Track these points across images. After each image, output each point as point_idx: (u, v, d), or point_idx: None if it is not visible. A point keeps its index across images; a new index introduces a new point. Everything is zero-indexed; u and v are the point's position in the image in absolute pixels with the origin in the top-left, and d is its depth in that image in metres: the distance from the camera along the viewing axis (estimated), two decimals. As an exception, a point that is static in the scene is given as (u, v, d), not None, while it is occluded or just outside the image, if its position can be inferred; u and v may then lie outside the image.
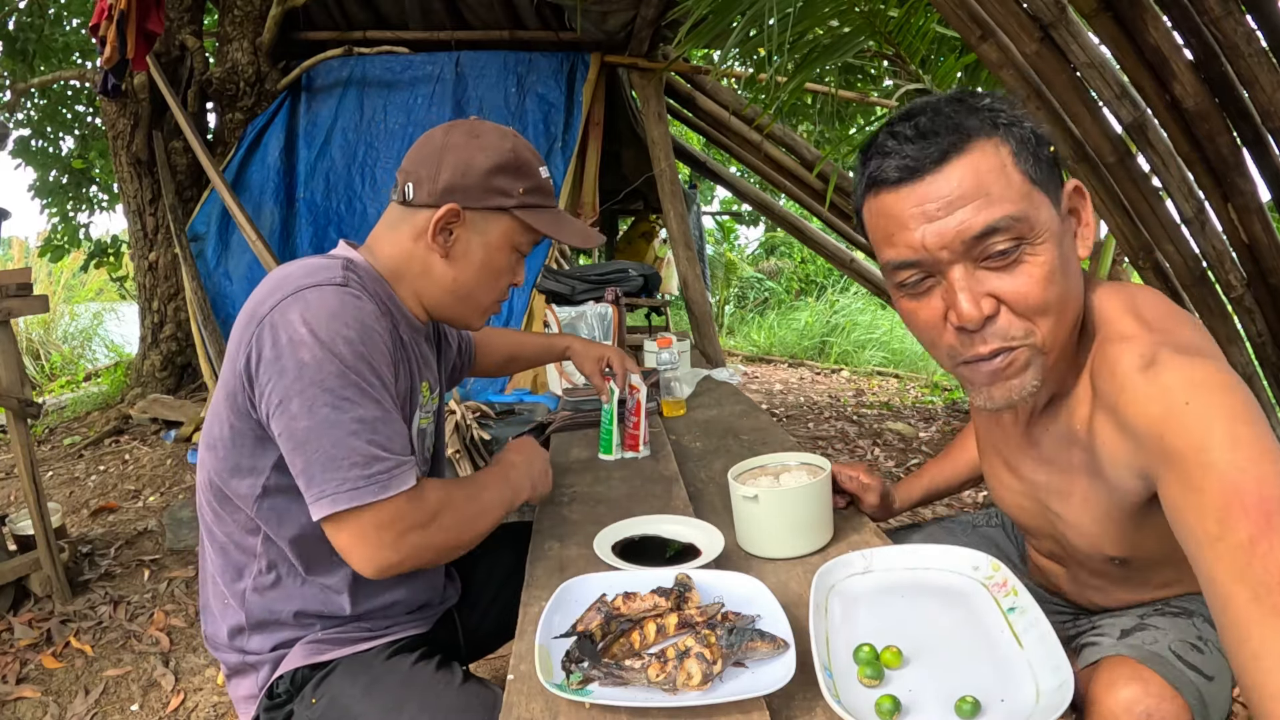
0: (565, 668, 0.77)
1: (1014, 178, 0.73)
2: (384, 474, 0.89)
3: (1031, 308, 0.74)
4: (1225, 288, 2.35)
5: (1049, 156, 0.76)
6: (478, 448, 2.24)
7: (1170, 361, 0.71)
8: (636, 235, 7.84)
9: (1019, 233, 0.72)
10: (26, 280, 2.28)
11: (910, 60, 2.94)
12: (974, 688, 0.75)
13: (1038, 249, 0.73)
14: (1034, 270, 0.73)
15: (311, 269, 0.95)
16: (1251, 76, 1.84)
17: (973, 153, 0.73)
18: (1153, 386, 0.71)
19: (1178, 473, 0.65)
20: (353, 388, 0.89)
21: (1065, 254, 0.76)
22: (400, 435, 0.93)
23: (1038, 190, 0.74)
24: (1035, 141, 0.75)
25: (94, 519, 3.05)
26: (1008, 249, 0.73)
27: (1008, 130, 0.74)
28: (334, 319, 0.89)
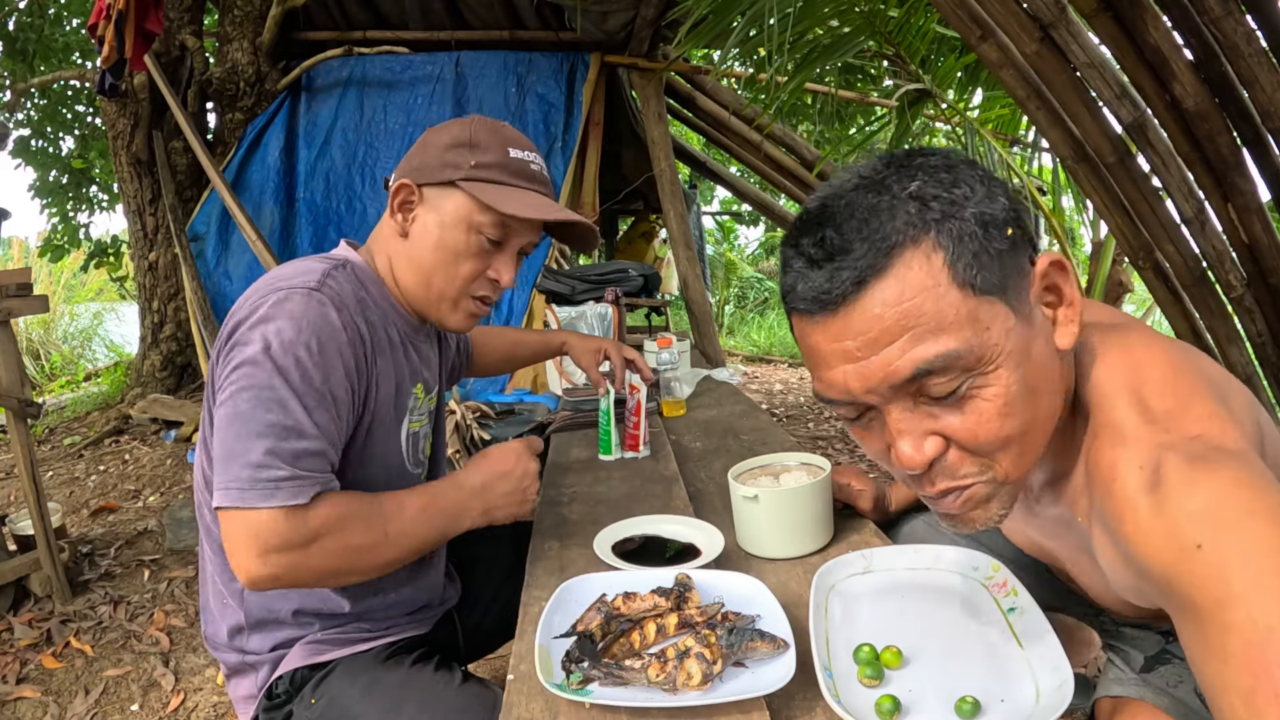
0: (565, 668, 0.77)
1: (951, 296, 0.57)
2: (269, 482, 0.83)
3: (984, 446, 0.62)
4: (1225, 288, 2.35)
5: (1007, 241, 0.59)
6: (478, 447, 2.24)
7: (1178, 481, 0.55)
8: (636, 235, 7.85)
9: (962, 367, 0.58)
10: (26, 280, 2.28)
11: (910, 60, 2.94)
12: (974, 688, 0.75)
13: (989, 378, 0.59)
14: (985, 406, 0.60)
15: (294, 271, 0.95)
16: (1251, 76, 1.84)
17: (896, 271, 0.57)
18: (1158, 520, 0.54)
19: (1195, 628, 0.52)
20: (284, 392, 0.85)
21: (1032, 369, 0.61)
22: (317, 454, 0.87)
23: (986, 301, 0.58)
24: (983, 233, 0.58)
25: (94, 519, 3.05)
26: (952, 389, 0.59)
27: (940, 227, 0.57)
28: (292, 323, 0.88)
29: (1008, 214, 0.60)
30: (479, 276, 1.04)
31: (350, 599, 1.05)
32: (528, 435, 2.12)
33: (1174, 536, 0.53)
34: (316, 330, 0.89)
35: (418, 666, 1.04)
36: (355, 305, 0.97)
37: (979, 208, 0.58)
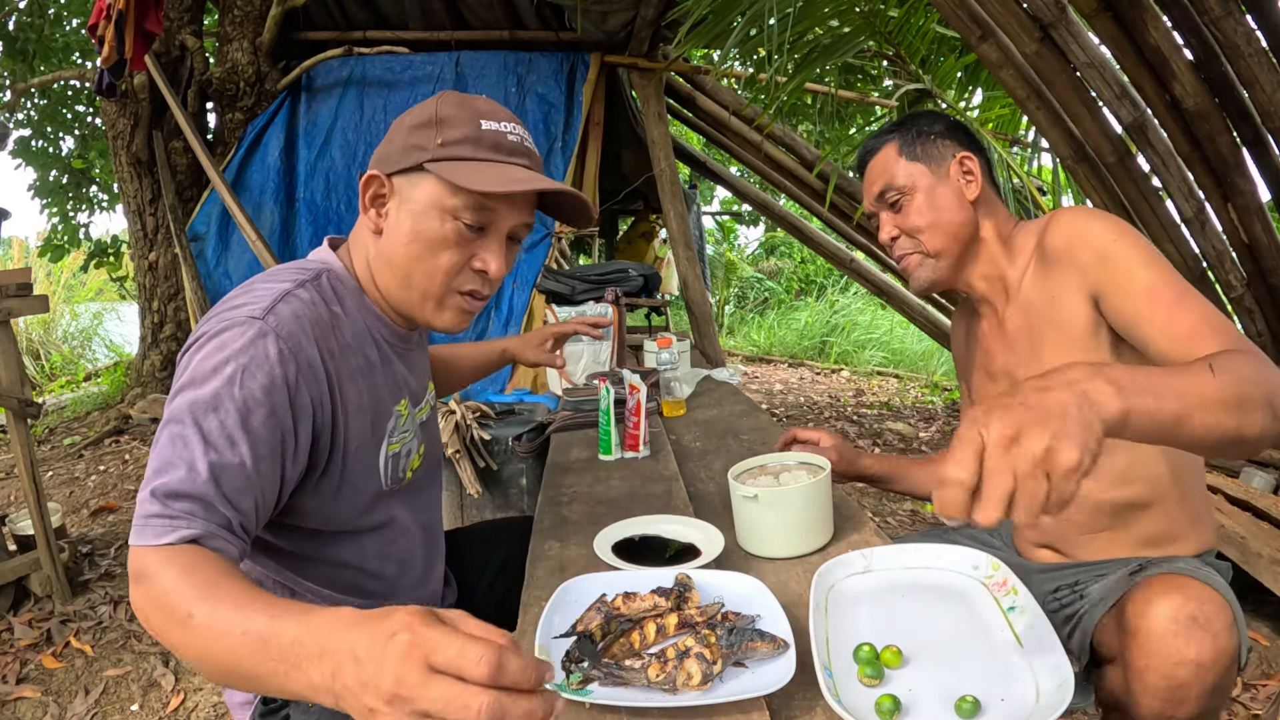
0: (565, 668, 0.77)
1: (896, 161, 1.18)
2: (141, 519, 0.74)
3: (911, 229, 1.17)
4: (1225, 288, 2.35)
5: (928, 140, 1.17)
6: (478, 447, 2.24)
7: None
8: (636, 235, 7.84)
9: (899, 190, 1.17)
10: (26, 280, 2.28)
11: (910, 60, 2.94)
12: (974, 687, 0.75)
13: (912, 197, 1.17)
14: (910, 209, 1.17)
15: (246, 297, 0.87)
16: (1251, 76, 1.84)
17: (879, 154, 1.21)
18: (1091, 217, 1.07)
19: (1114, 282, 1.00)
20: (190, 431, 0.77)
21: (936, 197, 1.16)
22: (195, 500, 0.75)
23: (913, 163, 1.17)
24: (915, 134, 1.18)
25: (94, 519, 3.05)
26: (895, 200, 1.18)
27: (900, 133, 1.19)
28: (222, 356, 0.80)
29: (933, 131, 1.18)
30: (462, 268, 0.94)
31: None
32: (528, 436, 2.12)
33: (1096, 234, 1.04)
34: (245, 369, 0.80)
35: None
36: (321, 328, 0.88)
37: (916, 128, 1.19)
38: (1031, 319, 1.12)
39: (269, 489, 0.82)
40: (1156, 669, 0.83)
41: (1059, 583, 1.15)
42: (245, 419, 0.79)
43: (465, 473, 2.23)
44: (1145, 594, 0.87)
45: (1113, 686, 0.94)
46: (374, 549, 1.03)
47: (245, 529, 0.79)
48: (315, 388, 0.87)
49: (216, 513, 0.76)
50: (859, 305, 8.44)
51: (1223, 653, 0.83)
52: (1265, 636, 1.90)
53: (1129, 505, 1.10)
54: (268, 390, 0.81)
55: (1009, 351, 1.17)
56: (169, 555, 0.71)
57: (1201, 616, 0.83)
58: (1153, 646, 0.84)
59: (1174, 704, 0.84)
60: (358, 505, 0.98)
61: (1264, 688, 1.72)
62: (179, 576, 0.69)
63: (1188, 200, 2.18)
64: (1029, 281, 1.13)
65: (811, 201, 5.03)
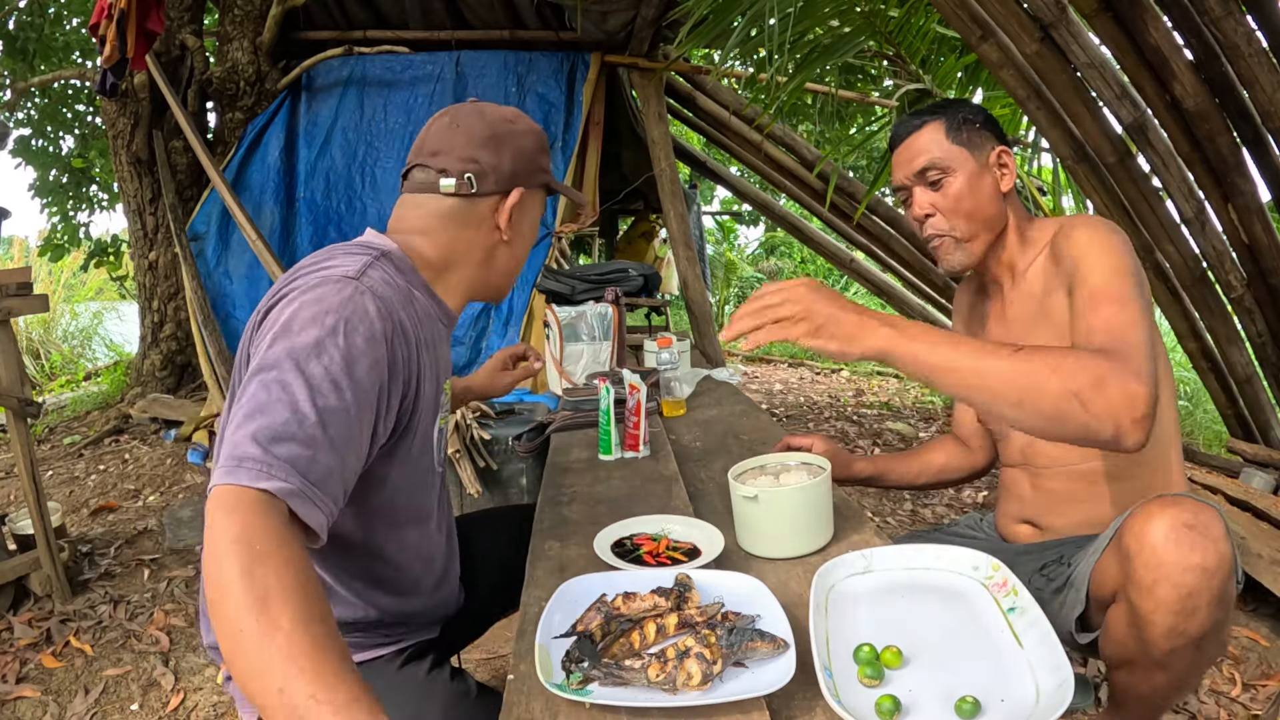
0: (565, 668, 0.77)
1: (942, 141, 1.21)
2: (236, 459, 0.70)
3: (948, 210, 1.21)
4: (1225, 288, 2.35)
5: (973, 128, 1.21)
6: (478, 447, 2.24)
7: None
8: (636, 235, 7.84)
9: (941, 169, 1.20)
10: (26, 279, 2.28)
11: (910, 60, 2.94)
12: (974, 688, 0.75)
13: (954, 178, 1.20)
14: (949, 191, 1.20)
15: (328, 259, 0.90)
16: (1251, 77, 1.84)
17: (924, 129, 1.23)
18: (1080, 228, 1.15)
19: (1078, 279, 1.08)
20: (296, 383, 0.75)
21: (974, 185, 1.20)
22: (300, 452, 0.72)
23: (957, 147, 1.20)
24: (961, 120, 1.21)
25: (94, 518, 3.05)
26: (936, 179, 1.21)
27: (946, 116, 1.22)
28: (323, 309, 0.81)
29: (977, 120, 1.22)
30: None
31: (368, 605, 1.02)
32: (528, 435, 2.12)
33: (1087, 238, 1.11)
34: (348, 321, 0.81)
35: (434, 675, 1.03)
36: (398, 299, 0.91)
37: (962, 115, 1.22)
38: (1029, 306, 1.21)
39: (365, 441, 0.82)
40: (1165, 579, 0.85)
41: (1045, 559, 1.19)
42: (350, 366, 0.79)
43: (465, 473, 2.23)
44: (1142, 516, 0.90)
45: (1119, 626, 0.95)
46: (413, 541, 1.04)
47: (345, 482, 0.78)
48: (405, 348, 0.89)
49: (319, 464, 0.73)
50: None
51: (1224, 557, 0.86)
52: (1265, 637, 1.90)
53: (1104, 475, 1.19)
54: (370, 341, 0.82)
55: (1005, 332, 1.26)
56: (264, 502, 0.68)
57: (1198, 524, 0.86)
58: (1158, 559, 0.86)
59: (1185, 615, 0.85)
60: (408, 480, 0.98)
61: (1264, 688, 1.72)
62: (257, 558, 0.63)
63: (1188, 200, 2.18)
64: (1035, 272, 1.21)
65: (811, 201, 5.03)
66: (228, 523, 0.65)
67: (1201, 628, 0.87)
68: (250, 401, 0.74)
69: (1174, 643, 0.88)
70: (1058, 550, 1.19)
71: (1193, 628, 0.87)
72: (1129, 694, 1.02)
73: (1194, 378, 2.77)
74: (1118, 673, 1.02)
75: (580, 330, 2.73)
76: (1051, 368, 0.86)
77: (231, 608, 0.61)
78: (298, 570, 0.65)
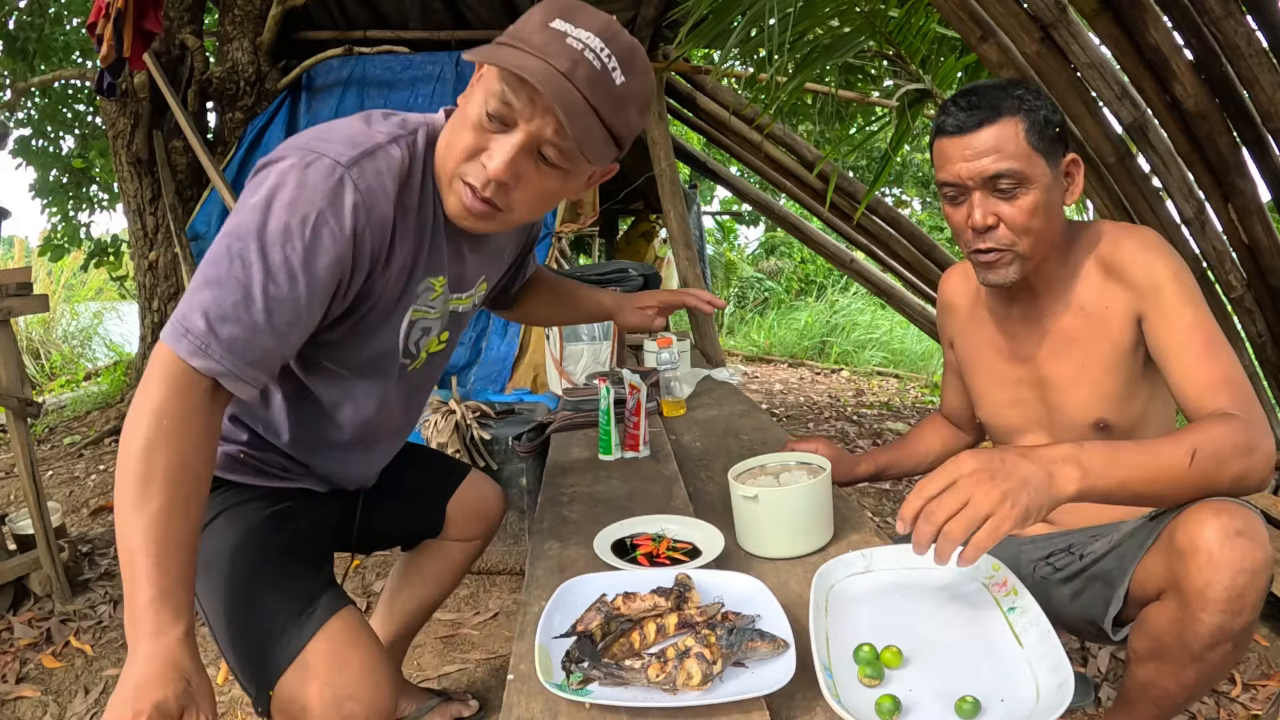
0: (565, 668, 0.77)
1: (1022, 144, 1.07)
2: (180, 325, 0.81)
3: (1018, 228, 1.10)
4: (1225, 288, 2.35)
5: (1053, 133, 1.09)
6: (478, 447, 2.24)
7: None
8: (636, 235, 7.84)
9: (1018, 179, 1.07)
10: (26, 279, 2.27)
11: (911, 60, 2.94)
12: (974, 688, 0.75)
13: (1030, 191, 1.09)
14: (1024, 204, 1.09)
15: (345, 133, 0.90)
16: (1251, 77, 1.84)
17: (1001, 123, 1.07)
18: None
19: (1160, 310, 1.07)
20: (254, 260, 0.82)
21: (1048, 199, 1.10)
22: (240, 338, 0.82)
23: (1037, 155, 1.08)
24: (1044, 122, 1.08)
25: (94, 518, 3.04)
26: (1008, 188, 1.08)
27: (1027, 112, 1.07)
28: (300, 195, 0.84)
29: (1057, 122, 1.10)
30: (472, 156, 0.91)
31: (292, 439, 1.08)
32: (528, 435, 2.12)
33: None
34: (321, 212, 0.84)
35: (271, 521, 1.07)
36: (400, 183, 0.91)
37: (1047, 111, 1.09)
38: (1080, 322, 1.16)
39: (312, 324, 0.90)
40: (1219, 582, 0.89)
41: (1051, 548, 1.20)
42: (310, 261, 0.84)
43: (465, 472, 2.23)
44: (1195, 520, 0.93)
45: (1161, 622, 0.97)
46: (361, 406, 1.07)
47: (284, 357, 0.88)
48: (378, 241, 0.91)
49: (256, 346, 0.83)
50: (859, 305, 8.43)
51: (1269, 559, 0.91)
52: (1265, 637, 1.90)
53: None
54: (335, 239, 0.85)
55: (1042, 342, 1.20)
56: (190, 379, 0.81)
57: (1247, 530, 0.90)
58: (1213, 562, 0.90)
59: (1233, 614, 0.90)
60: (365, 361, 1.03)
61: (1264, 688, 1.72)
62: (158, 437, 0.79)
63: (1188, 200, 2.18)
64: (1085, 287, 1.15)
65: (811, 201, 5.03)
66: (154, 390, 0.81)
67: (1244, 625, 0.91)
68: (214, 266, 0.83)
69: (1217, 639, 0.92)
70: (1065, 540, 1.19)
71: (1238, 625, 0.91)
72: (1149, 692, 1.02)
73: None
74: (1143, 667, 1.02)
75: (580, 330, 2.73)
76: (1218, 462, 0.91)
77: (125, 472, 0.79)
78: (189, 458, 0.81)
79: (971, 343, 1.32)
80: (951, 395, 1.48)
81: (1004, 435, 1.31)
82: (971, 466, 0.81)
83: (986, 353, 1.29)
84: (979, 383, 1.31)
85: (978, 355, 1.31)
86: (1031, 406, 1.23)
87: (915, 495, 0.81)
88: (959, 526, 0.78)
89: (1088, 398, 1.15)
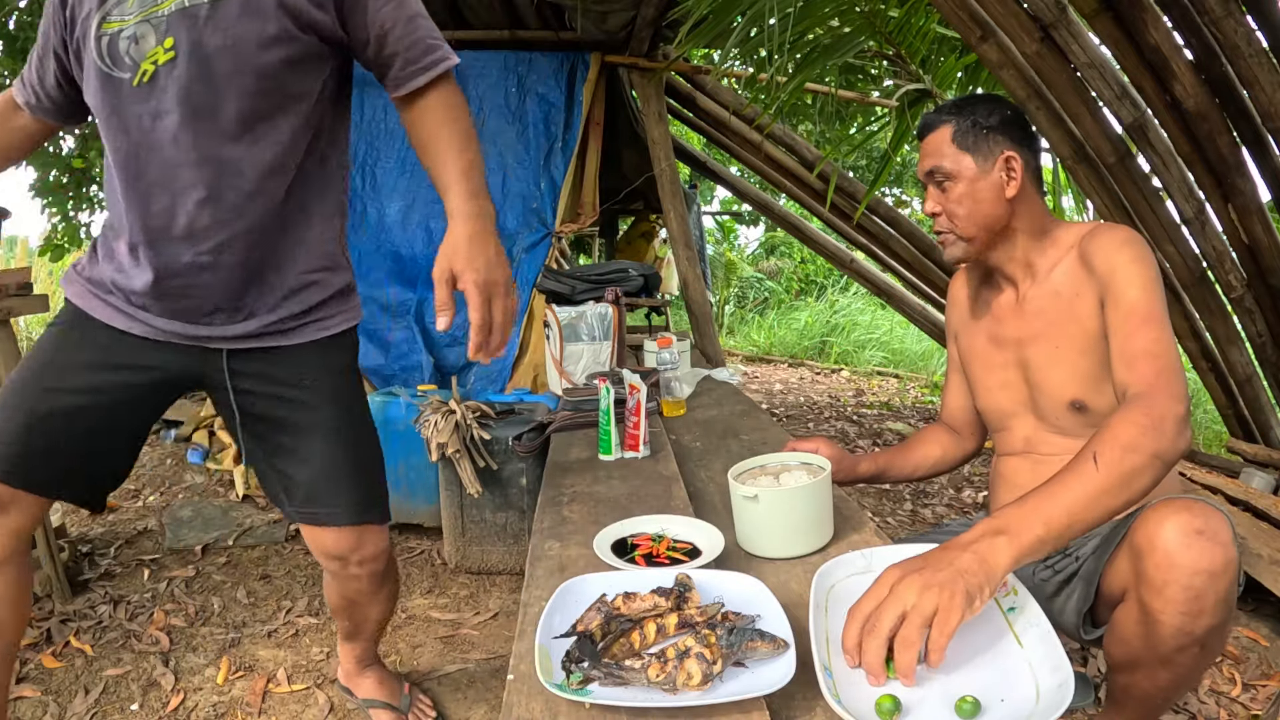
0: (565, 668, 0.77)
1: (949, 145, 1.25)
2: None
3: (950, 214, 1.26)
4: (1225, 288, 2.35)
5: (982, 134, 1.24)
6: (478, 447, 2.24)
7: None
8: (636, 235, 7.83)
9: (945, 174, 1.25)
10: (27, 279, 2.27)
11: (910, 60, 2.94)
12: (974, 688, 0.75)
13: (958, 183, 1.25)
14: (953, 194, 1.25)
15: None
16: (1252, 77, 1.84)
17: (936, 130, 1.27)
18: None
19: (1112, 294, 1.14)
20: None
21: (976, 189, 1.24)
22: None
23: (963, 153, 1.24)
24: (971, 125, 1.24)
25: (94, 518, 3.04)
26: (940, 180, 1.26)
27: (957, 119, 1.26)
28: None
29: (990, 125, 1.24)
30: None
31: (113, 216, 1.17)
32: (528, 435, 2.12)
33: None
34: None
35: (64, 331, 1.17)
36: None
37: (974, 119, 1.25)
38: (1055, 304, 1.24)
39: (55, 46, 1.13)
40: (1176, 581, 0.89)
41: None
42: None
43: (465, 473, 2.23)
44: (1154, 517, 0.93)
45: (1127, 624, 0.98)
46: (113, 137, 1.10)
47: (43, 74, 1.17)
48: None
49: (31, 64, 1.18)
50: (859, 305, 8.43)
51: (1230, 561, 0.90)
52: (1265, 637, 1.90)
53: None
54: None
55: (1023, 325, 1.29)
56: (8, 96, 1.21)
57: (1208, 529, 0.90)
58: (1170, 561, 0.90)
59: (1193, 616, 0.90)
60: (88, 76, 1.09)
61: (1264, 688, 1.72)
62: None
63: (1188, 200, 2.18)
64: (1062, 272, 1.25)
65: (812, 201, 5.03)
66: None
67: (1207, 628, 0.90)
68: None
69: (1180, 642, 0.91)
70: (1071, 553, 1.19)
71: (1199, 628, 0.90)
72: (1130, 693, 1.03)
73: (1194, 378, 2.77)
74: (1120, 673, 1.03)
75: (580, 330, 2.73)
76: (1126, 452, 0.90)
77: None
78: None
79: (970, 333, 1.40)
80: (953, 395, 1.50)
81: (997, 420, 1.36)
82: (898, 574, 0.80)
83: (980, 341, 1.37)
84: (975, 369, 1.38)
85: (974, 344, 1.39)
86: (1017, 388, 1.30)
87: (851, 622, 0.79)
88: (912, 630, 0.75)
89: (1064, 378, 1.22)
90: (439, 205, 4.54)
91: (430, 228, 4.08)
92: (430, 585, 2.34)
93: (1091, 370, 1.19)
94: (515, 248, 3.95)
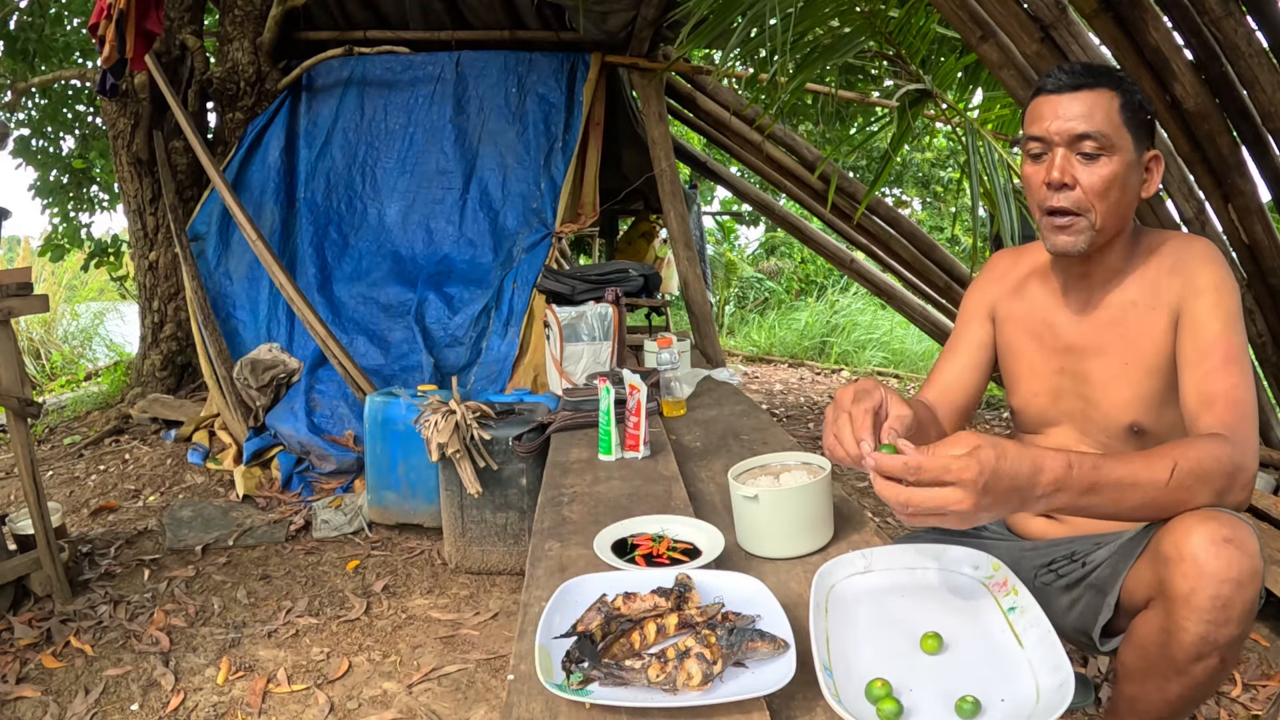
0: (565, 668, 0.77)
1: (1114, 115, 1.08)
2: None
3: (1094, 193, 1.08)
4: (1225, 288, 2.34)
5: (1145, 119, 1.11)
6: (478, 447, 2.24)
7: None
8: (636, 235, 7.83)
9: (1102, 144, 1.07)
10: (27, 279, 2.28)
11: (911, 60, 2.94)
12: (974, 688, 0.75)
13: (1111, 161, 1.08)
14: (1102, 172, 1.08)
15: None
16: (1251, 77, 1.84)
17: (1098, 92, 1.09)
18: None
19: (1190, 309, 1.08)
20: None
21: (1126, 180, 1.09)
22: None
23: (1125, 130, 1.08)
24: (1138, 105, 1.10)
25: (94, 519, 3.04)
26: (1092, 152, 1.08)
27: (1124, 91, 1.09)
28: None
29: (1151, 111, 1.12)
30: None
31: None
32: (528, 436, 2.12)
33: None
34: None
35: None
36: None
37: (1139, 99, 1.10)
38: (1130, 318, 1.15)
39: None
40: (1203, 590, 0.89)
41: (1054, 555, 1.17)
42: None
43: (465, 473, 2.23)
44: (1181, 526, 0.92)
45: (1147, 631, 0.97)
46: None
47: None
48: None
49: None
50: (859, 305, 8.43)
51: (1256, 572, 0.90)
52: (1265, 637, 1.90)
53: None
54: None
55: (1090, 333, 1.18)
56: None
57: (1235, 539, 0.89)
58: (1198, 569, 0.89)
59: (1218, 625, 0.89)
60: None
61: (1264, 688, 1.72)
62: None
63: (1188, 200, 2.18)
64: (1141, 284, 1.15)
65: (812, 202, 5.03)
66: None
67: (1230, 638, 0.90)
68: None
69: (1201, 650, 0.91)
70: (1068, 547, 1.17)
71: (1222, 637, 0.90)
72: (1135, 706, 1.01)
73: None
74: (1130, 683, 1.01)
75: (580, 330, 2.73)
76: (1198, 479, 0.91)
77: None
78: None
79: (1016, 325, 1.26)
80: (956, 374, 1.31)
81: (1033, 423, 1.26)
82: (972, 475, 0.79)
83: (1027, 337, 1.24)
84: (1017, 366, 1.26)
85: (1019, 338, 1.26)
86: (1068, 400, 1.20)
87: (916, 461, 0.81)
88: (923, 521, 0.81)
89: (1128, 399, 1.14)
90: (439, 205, 4.57)
91: (430, 228, 4.08)
92: (430, 585, 2.34)
93: (1156, 392, 1.12)
94: (515, 248, 3.95)
